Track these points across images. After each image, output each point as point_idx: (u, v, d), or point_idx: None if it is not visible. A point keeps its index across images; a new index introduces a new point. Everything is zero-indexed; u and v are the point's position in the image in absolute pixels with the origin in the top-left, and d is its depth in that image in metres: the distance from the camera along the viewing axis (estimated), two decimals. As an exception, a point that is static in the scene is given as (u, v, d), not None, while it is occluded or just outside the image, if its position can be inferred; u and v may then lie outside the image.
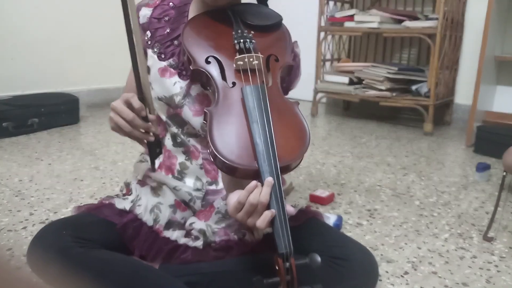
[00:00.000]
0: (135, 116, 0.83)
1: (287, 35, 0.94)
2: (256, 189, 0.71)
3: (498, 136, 1.96)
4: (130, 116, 0.83)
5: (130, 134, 0.85)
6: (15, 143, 2.08)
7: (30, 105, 2.29)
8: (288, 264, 0.68)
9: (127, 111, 0.83)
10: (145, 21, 0.99)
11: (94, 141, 2.14)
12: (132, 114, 0.83)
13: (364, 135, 2.40)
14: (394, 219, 1.34)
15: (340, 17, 2.67)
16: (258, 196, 0.70)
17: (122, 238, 0.92)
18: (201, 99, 0.94)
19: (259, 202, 0.70)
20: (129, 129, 0.84)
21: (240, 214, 0.73)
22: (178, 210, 0.97)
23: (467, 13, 2.57)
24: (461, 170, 1.82)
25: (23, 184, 1.56)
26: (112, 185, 1.57)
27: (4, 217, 1.28)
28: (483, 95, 2.22)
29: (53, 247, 0.85)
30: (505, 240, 1.21)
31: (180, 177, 0.99)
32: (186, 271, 0.88)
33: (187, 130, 0.98)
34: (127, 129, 0.84)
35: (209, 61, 0.85)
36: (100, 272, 0.81)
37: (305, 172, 1.75)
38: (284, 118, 0.80)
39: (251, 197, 0.70)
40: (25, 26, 2.52)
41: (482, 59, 2.07)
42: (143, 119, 0.84)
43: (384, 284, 0.99)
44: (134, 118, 0.83)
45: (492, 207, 1.42)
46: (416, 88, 2.47)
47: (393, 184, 1.63)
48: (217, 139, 0.75)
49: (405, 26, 2.42)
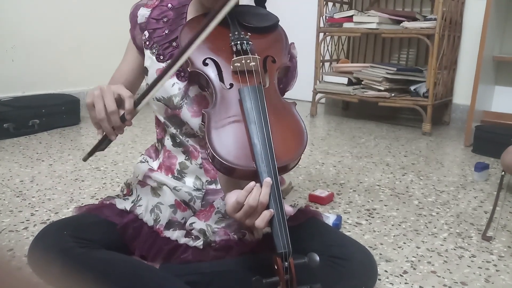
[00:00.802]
0: (116, 111, 0.80)
1: (284, 37, 0.95)
2: (255, 191, 0.71)
3: (496, 135, 1.97)
4: (112, 108, 0.80)
5: (100, 121, 0.81)
6: (16, 144, 2.09)
7: (31, 106, 2.30)
8: (287, 264, 0.68)
9: (112, 102, 0.80)
10: (143, 20, 0.99)
11: (95, 141, 2.14)
12: (114, 107, 0.80)
13: (363, 135, 2.40)
14: (393, 218, 1.35)
15: (339, 18, 2.67)
16: (258, 198, 0.71)
17: (123, 238, 0.93)
18: (199, 100, 0.95)
19: (259, 203, 0.70)
20: (102, 117, 0.80)
21: (238, 215, 0.74)
22: (178, 210, 0.98)
23: (466, 14, 2.58)
24: (459, 170, 1.83)
25: (24, 184, 1.56)
26: (113, 185, 1.58)
27: (5, 218, 1.29)
28: (482, 95, 2.22)
29: (54, 247, 0.85)
30: (504, 239, 1.22)
31: (180, 177, 1.00)
32: (186, 270, 0.88)
33: (186, 130, 0.99)
34: (100, 115, 0.80)
35: (206, 63, 0.86)
36: (101, 272, 0.82)
37: (304, 172, 1.75)
38: (282, 118, 0.81)
39: (251, 199, 0.71)
40: (26, 27, 2.53)
41: (481, 59, 2.08)
42: (120, 118, 0.82)
43: (383, 283, 1.00)
44: (115, 113, 0.80)
45: (490, 207, 1.43)
46: (414, 88, 2.48)
47: (392, 184, 1.64)
48: (215, 140, 0.76)
49: (404, 26, 2.43)
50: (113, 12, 2.79)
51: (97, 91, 0.81)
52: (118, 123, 0.82)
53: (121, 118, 0.82)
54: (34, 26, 2.57)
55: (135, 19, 1.01)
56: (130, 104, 0.81)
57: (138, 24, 1.00)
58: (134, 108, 0.82)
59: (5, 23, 2.46)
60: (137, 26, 1.01)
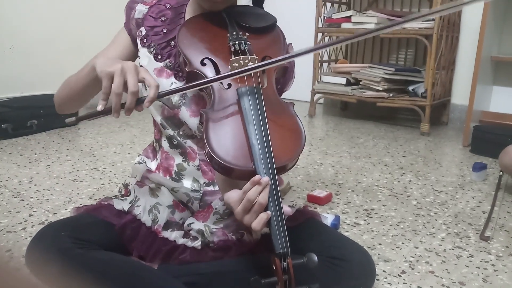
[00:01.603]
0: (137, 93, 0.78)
1: (282, 37, 0.95)
2: (255, 187, 0.71)
3: (494, 136, 1.98)
4: (134, 88, 0.78)
5: (115, 95, 0.78)
6: (14, 144, 2.09)
7: (29, 107, 2.29)
8: (286, 264, 0.68)
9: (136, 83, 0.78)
10: (140, 16, 0.99)
11: (93, 142, 2.15)
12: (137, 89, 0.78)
13: (361, 135, 2.41)
14: (391, 218, 1.35)
15: (337, 19, 2.68)
16: (256, 194, 0.70)
17: (121, 239, 0.92)
18: (197, 100, 0.95)
19: (258, 203, 0.70)
20: (119, 91, 0.78)
21: (239, 208, 0.73)
22: (177, 211, 0.98)
23: (464, 14, 2.58)
24: (458, 170, 1.83)
25: (22, 185, 1.56)
26: (111, 186, 1.57)
27: (3, 218, 1.29)
28: (480, 95, 2.23)
29: (52, 248, 0.85)
30: (502, 239, 1.22)
31: (178, 179, 1.00)
32: (184, 271, 0.88)
33: (184, 131, 0.99)
34: (118, 90, 0.77)
35: (204, 63, 0.86)
36: (99, 273, 0.82)
37: (303, 172, 1.75)
38: (280, 119, 0.81)
39: (250, 193, 0.70)
40: (24, 28, 2.53)
41: (479, 60, 2.08)
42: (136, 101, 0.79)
43: (382, 283, 1.00)
44: (135, 94, 0.78)
45: (488, 207, 1.43)
46: (413, 88, 2.48)
47: (390, 184, 1.64)
48: (213, 140, 0.76)
49: (402, 27, 2.43)
50: (113, 12, 2.78)
51: (118, 64, 0.79)
52: (133, 105, 0.79)
53: (137, 101, 0.79)
54: (33, 26, 2.57)
55: (130, 12, 1.00)
56: (155, 94, 0.78)
57: (135, 19, 0.99)
58: (157, 99, 0.80)
59: (4, 23, 2.45)
60: (133, 20, 0.99)
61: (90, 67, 0.88)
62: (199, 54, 0.87)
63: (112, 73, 0.78)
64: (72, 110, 1.03)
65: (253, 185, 0.71)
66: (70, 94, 0.99)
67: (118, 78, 0.77)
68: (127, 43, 1.02)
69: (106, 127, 2.45)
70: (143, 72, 0.81)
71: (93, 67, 0.86)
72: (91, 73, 0.88)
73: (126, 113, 0.80)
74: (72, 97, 0.99)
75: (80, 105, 1.03)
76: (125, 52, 1.02)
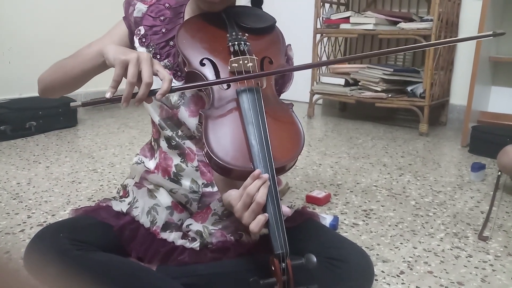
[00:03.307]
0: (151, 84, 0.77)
1: (281, 38, 0.95)
2: (255, 181, 0.71)
3: (493, 136, 1.98)
4: (149, 80, 0.77)
5: (129, 84, 0.76)
6: (13, 146, 2.08)
7: (28, 108, 2.29)
8: (284, 265, 0.68)
9: (151, 74, 0.77)
10: (139, 15, 0.98)
11: (92, 143, 2.15)
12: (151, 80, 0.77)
13: (360, 136, 2.41)
14: (390, 219, 1.35)
15: (335, 19, 2.68)
16: (256, 189, 0.70)
17: (119, 240, 0.92)
18: (196, 100, 0.95)
19: (256, 202, 0.70)
20: (133, 81, 0.76)
21: (239, 204, 0.72)
22: (175, 212, 0.98)
23: (462, 14, 2.59)
24: (456, 170, 1.83)
25: (21, 187, 1.56)
26: (110, 187, 1.57)
27: (2, 220, 1.28)
28: (478, 95, 2.23)
29: (51, 250, 0.85)
30: (500, 239, 1.22)
31: (176, 179, 1.00)
32: (183, 272, 0.88)
33: (183, 132, 0.99)
34: (133, 79, 0.76)
35: (203, 63, 0.86)
36: (98, 275, 0.82)
37: (301, 173, 1.76)
38: (279, 119, 0.81)
39: (250, 188, 0.70)
40: (23, 29, 2.53)
41: (477, 60, 2.09)
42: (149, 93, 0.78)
43: (380, 283, 1.00)
44: (149, 85, 0.77)
45: (487, 207, 1.43)
46: (411, 89, 2.48)
47: (389, 185, 1.64)
48: (212, 141, 0.76)
49: (400, 27, 2.44)
50: (113, 13, 2.78)
51: (134, 53, 0.77)
52: (145, 96, 0.77)
53: (150, 93, 0.78)
54: (32, 28, 2.57)
55: (129, 8, 0.99)
56: (168, 87, 0.77)
57: (134, 17, 0.99)
58: (170, 92, 0.79)
59: (2, 24, 2.45)
60: (132, 17, 0.99)
61: (96, 53, 0.86)
62: (198, 54, 0.87)
63: (127, 62, 0.77)
64: (58, 95, 1.01)
65: (253, 179, 0.71)
66: (64, 78, 0.97)
67: (133, 67, 0.76)
68: (124, 36, 1.00)
69: (105, 128, 2.45)
70: (157, 65, 0.80)
71: (99, 53, 0.84)
72: (97, 58, 0.86)
73: (136, 103, 0.78)
74: (66, 81, 0.97)
75: (71, 90, 1.00)
76: (120, 44, 0.99)
